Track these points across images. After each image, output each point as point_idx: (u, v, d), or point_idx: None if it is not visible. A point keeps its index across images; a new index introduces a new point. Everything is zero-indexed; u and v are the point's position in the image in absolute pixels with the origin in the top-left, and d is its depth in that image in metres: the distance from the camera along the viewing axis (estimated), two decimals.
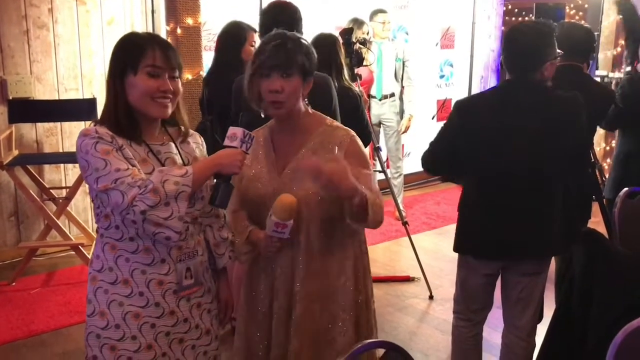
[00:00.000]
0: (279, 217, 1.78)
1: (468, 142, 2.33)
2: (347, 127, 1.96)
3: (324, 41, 3.27)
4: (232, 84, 2.79)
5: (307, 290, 1.90)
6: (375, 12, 5.20)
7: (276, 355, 1.94)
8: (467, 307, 2.52)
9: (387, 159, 5.46)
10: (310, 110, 1.95)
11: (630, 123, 3.38)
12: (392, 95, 5.27)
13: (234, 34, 3.23)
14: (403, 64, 5.26)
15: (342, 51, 3.38)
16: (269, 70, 1.80)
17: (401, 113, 5.30)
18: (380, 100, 5.26)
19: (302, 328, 1.90)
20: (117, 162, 1.59)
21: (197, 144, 1.89)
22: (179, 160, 1.76)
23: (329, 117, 1.98)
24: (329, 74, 3.21)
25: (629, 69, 3.54)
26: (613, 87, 3.63)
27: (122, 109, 1.66)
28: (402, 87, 5.29)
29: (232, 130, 1.74)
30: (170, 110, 1.72)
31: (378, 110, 5.28)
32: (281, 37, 1.84)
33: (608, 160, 5.55)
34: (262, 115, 1.93)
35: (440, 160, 2.46)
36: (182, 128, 1.83)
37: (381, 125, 5.34)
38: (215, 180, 1.75)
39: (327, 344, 1.92)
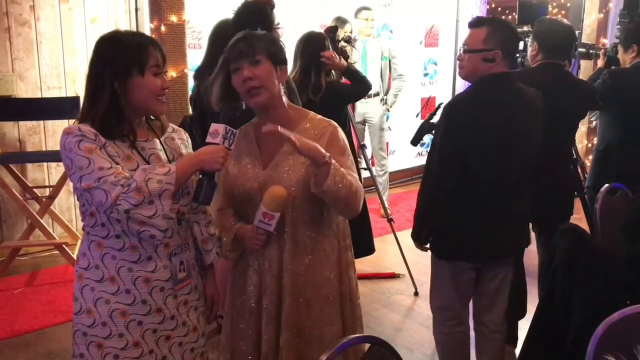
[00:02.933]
0: (268, 207, 1.79)
1: (460, 144, 2.29)
2: (330, 120, 1.98)
3: (314, 39, 3.38)
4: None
5: (294, 284, 1.91)
6: (359, 10, 5.22)
7: (266, 353, 1.94)
8: (460, 306, 2.51)
9: (372, 156, 5.48)
10: (290, 104, 1.97)
11: (611, 115, 3.44)
12: (377, 94, 5.29)
13: (222, 33, 3.23)
14: (389, 62, 5.28)
15: (330, 49, 3.44)
16: (236, 62, 1.82)
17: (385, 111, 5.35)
18: (364, 98, 5.27)
19: (291, 321, 1.91)
20: (100, 161, 1.59)
21: (182, 140, 1.89)
22: (163, 156, 1.76)
23: (311, 112, 2.00)
24: (318, 70, 3.32)
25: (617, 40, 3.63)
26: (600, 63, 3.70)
27: (117, 110, 1.65)
28: (389, 85, 5.32)
29: (213, 126, 1.75)
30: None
31: (362, 109, 5.30)
32: (242, 33, 1.89)
33: (590, 157, 5.62)
34: (244, 107, 1.95)
35: (442, 168, 2.34)
36: (162, 122, 1.83)
37: (365, 123, 5.36)
38: (200, 177, 1.76)
39: (314, 337, 1.94)
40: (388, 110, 5.42)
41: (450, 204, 2.36)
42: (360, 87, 3.53)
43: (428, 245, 2.50)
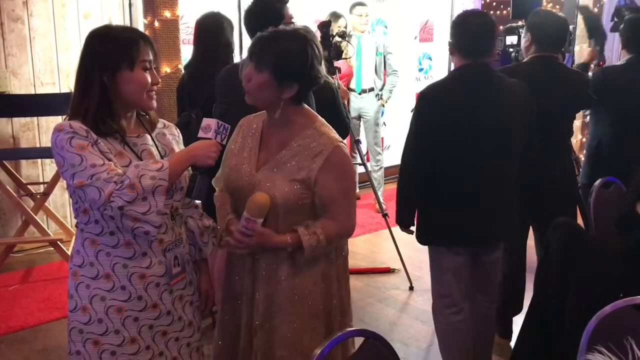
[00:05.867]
0: (250, 214, 1.78)
1: (437, 129, 2.37)
2: (334, 136, 1.88)
3: None
4: (215, 75, 2.79)
5: (267, 292, 1.89)
6: (354, 5, 5.22)
7: (244, 347, 1.95)
8: (457, 293, 2.53)
9: (367, 152, 5.49)
10: (303, 110, 1.90)
11: (603, 112, 3.44)
12: (372, 89, 5.30)
13: (212, 25, 3.21)
14: (384, 58, 5.28)
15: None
16: (248, 57, 1.81)
17: (380, 106, 5.35)
18: (359, 94, 5.28)
19: (269, 326, 1.90)
20: (92, 158, 1.58)
21: (174, 135, 1.89)
22: (155, 152, 1.76)
23: (320, 119, 1.92)
24: None
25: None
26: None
27: (107, 104, 1.65)
28: (384, 81, 5.32)
29: (205, 121, 1.75)
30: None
31: (357, 104, 5.30)
32: (272, 32, 1.81)
33: (584, 151, 5.63)
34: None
35: (420, 155, 2.43)
36: (151, 117, 1.82)
37: (361, 118, 5.36)
38: (192, 172, 1.76)
39: (296, 349, 1.89)
40: (383, 106, 5.43)
41: (427, 190, 2.47)
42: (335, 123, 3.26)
43: (413, 229, 2.61)
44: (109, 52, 1.64)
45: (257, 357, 1.91)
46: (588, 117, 5.60)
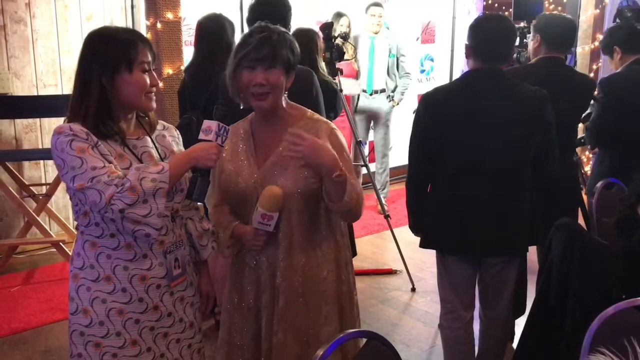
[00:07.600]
0: (265, 208, 1.79)
1: (437, 133, 2.35)
2: (327, 120, 1.97)
3: (302, 35, 3.32)
4: (215, 77, 2.79)
5: (288, 283, 1.91)
6: (368, 6, 5.23)
7: (267, 349, 1.95)
8: (458, 301, 2.49)
9: (369, 153, 5.49)
10: (290, 103, 1.95)
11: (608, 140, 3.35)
12: (383, 90, 5.30)
13: (213, 27, 3.21)
14: (397, 60, 5.28)
15: (318, 46, 3.41)
16: (254, 63, 1.80)
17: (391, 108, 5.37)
18: (370, 94, 5.29)
19: (286, 321, 1.91)
20: (93, 160, 1.58)
21: (174, 137, 1.89)
22: (155, 154, 1.76)
23: (309, 110, 1.98)
24: (310, 65, 3.24)
25: None
26: None
27: (106, 106, 1.64)
28: (395, 83, 5.32)
29: (206, 123, 1.75)
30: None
31: (368, 105, 5.30)
32: (266, 30, 1.84)
33: (586, 152, 5.63)
34: (241, 107, 1.94)
35: (420, 159, 2.43)
36: (151, 118, 1.82)
37: (371, 120, 5.37)
38: (192, 174, 1.76)
39: (311, 336, 1.93)
40: (393, 107, 5.42)
41: (429, 193, 2.45)
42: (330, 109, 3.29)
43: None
44: (107, 54, 1.64)
45: (277, 354, 1.92)
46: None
